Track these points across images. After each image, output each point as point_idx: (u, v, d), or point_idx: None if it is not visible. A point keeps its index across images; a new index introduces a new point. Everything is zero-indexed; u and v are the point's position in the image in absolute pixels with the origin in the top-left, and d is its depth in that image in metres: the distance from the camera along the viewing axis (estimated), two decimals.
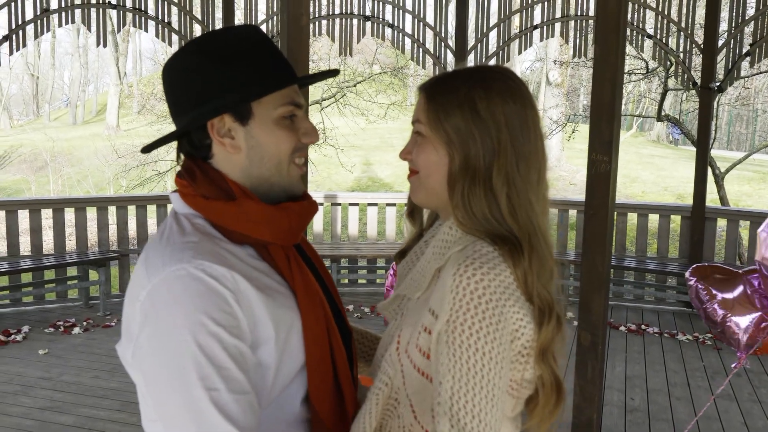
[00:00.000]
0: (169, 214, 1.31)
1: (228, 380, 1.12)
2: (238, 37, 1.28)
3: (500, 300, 1.14)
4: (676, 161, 22.18)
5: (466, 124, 1.22)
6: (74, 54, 34.98)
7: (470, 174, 1.21)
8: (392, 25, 7.38)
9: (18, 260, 6.63)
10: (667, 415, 4.59)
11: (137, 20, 6.94)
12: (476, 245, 1.19)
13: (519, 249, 1.18)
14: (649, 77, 12.06)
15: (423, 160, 1.27)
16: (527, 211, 1.22)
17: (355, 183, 19.87)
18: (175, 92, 1.29)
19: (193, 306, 1.12)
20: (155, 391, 1.15)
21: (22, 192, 21.16)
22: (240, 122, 1.26)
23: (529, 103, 1.26)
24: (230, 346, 1.13)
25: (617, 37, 3.10)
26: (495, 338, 1.13)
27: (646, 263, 7.19)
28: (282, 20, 3.18)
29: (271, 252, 1.27)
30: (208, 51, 1.26)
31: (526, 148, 1.23)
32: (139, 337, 1.16)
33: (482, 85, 1.24)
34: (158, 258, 1.18)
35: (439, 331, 1.15)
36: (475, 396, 1.11)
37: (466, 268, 1.14)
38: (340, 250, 7.40)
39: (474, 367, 1.12)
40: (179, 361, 1.11)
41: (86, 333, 6.00)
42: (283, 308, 1.23)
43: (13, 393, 4.66)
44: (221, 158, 1.29)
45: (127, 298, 1.23)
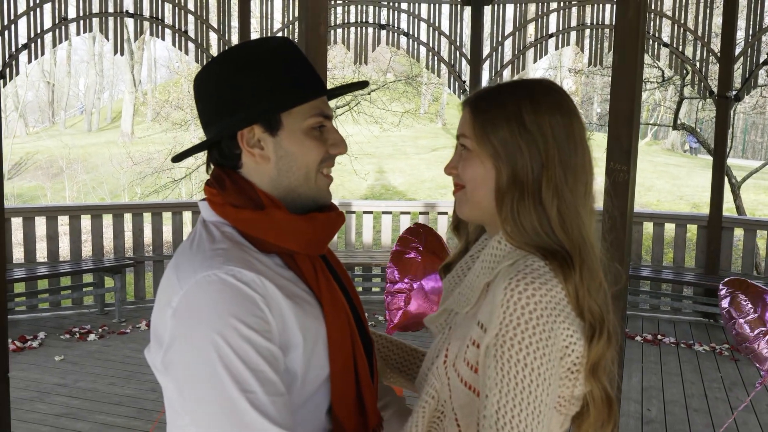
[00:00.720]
0: (198, 221, 1.33)
1: (263, 382, 1.13)
2: (269, 48, 1.29)
3: (551, 316, 1.14)
4: (691, 170, 22.05)
5: (513, 138, 1.22)
6: (90, 62, 35.27)
7: (519, 187, 1.21)
8: (407, 34, 7.39)
9: (34, 267, 6.68)
10: (685, 427, 4.55)
11: (154, 29, 6.99)
12: (527, 260, 1.18)
13: (570, 263, 1.18)
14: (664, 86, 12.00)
15: (469, 174, 1.27)
16: (577, 224, 1.22)
17: (369, 191, 19.89)
18: (205, 102, 1.31)
19: (225, 311, 1.13)
20: (189, 396, 1.16)
21: (37, 199, 21.33)
22: (269, 133, 1.28)
23: (575, 116, 1.26)
24: (263, 349, 1.14)
25: (636, 45, 3.09)
26: (544, 354, 1.12)
27: (662, 273, 7.13)
28: (300, 29, 3.19)
29: (297, 262, 1.28)
30: (238, 61, 1.28)
31: (573, 161, 1.23)
32: (172, 343, 1.17)
33: (529, 98, 1.24)
34: (189, 265, 1.20)
35: (488, 344, 1.15)
36: (521, 411, 1.11)
37: (517, 283, 1.14)
38: (355, 258, 7.40)
39: (522, 383, 1.11)
40: (214, 365, 1.12)
41: (102, 340, 6.02)
42: (311, 318, 1.24)
43: (29, 399, 4.68)
44: (250, 168, 1.30)
45: (157, 304, 1.24)
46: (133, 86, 30.19)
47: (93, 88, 34.52)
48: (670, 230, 7.99)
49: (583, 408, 1.26)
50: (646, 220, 7.93)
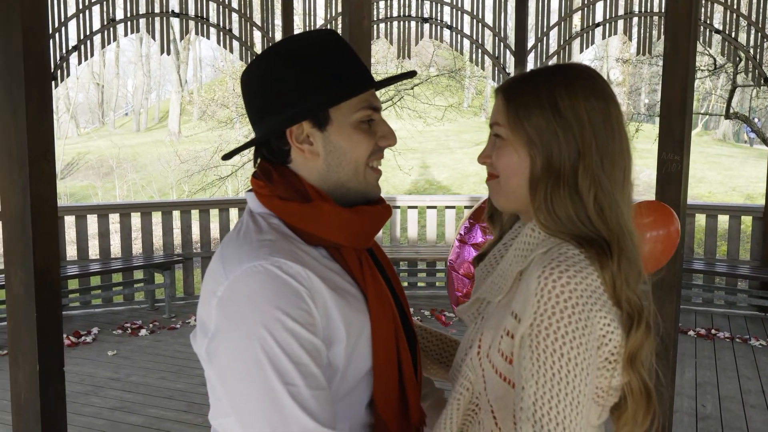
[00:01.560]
0: (245, 212, 1.33)
1: (306, 376, 1.13)
2: (315, 41, 1.28)
3: (587, 305, 1.10)
4: (744, 160, 21.48)
5: (548, 124, 1.18)
6: (137, 63, 35.95)
7: (554, 175, 1.18)
8: (450, 27, 7.34)
9: (87, 264, 6.83)
10: (742, 423, 4.43)
11: (199, 28, 7.07)
12: (561, 247, 1.15)
13: (607, 252, 1.14)
14: (716, 74, 11.71)
15: (503, 163, 1.24)
16: (615, 212, 1.18)
17: (413, 186, 19.86)
18: (253, 99, 1.30)
19: (270, 302, 1.13)
20: (232, 386, 1.16)
21: (89, 197, 21.83)
22: (318, 128, 1.26)
23: (612, 101, 1.22)
24: (307, 342, 1.14)
25: (688, 32, 3.01)
26: (581, 344, 1.09)
27: (716, 266, 6.96)
28: (344, 24, 3.18)
29: (343, 254, 1.27)
30: (285, 57, 1.26)
31: (611, 147, 1.19)
32: (216, 333, 1.17)
33: (564, 83, 1.20)
34: (235, 255, 1.20)
35: (523, 335, 1.12)
36: (559, 402, 1.08)
37: (551, 271, 1.10)
38: (400, 253, 7.39)
39: (559, 373, 1.08)
40: (257, 356, 1.12)
41: (152, 335, 6.13)
42: (355, 311, 1.24)
43: (84, 393, 4.78)
44: (299, 163, 1.29)
45: (203, 293, 1.24)
46: (179, 86, 30.68)
47: (141, 88, 35.20)
48: (724, 222, 7.80)
49: (621, 400, 1.23)
50: (699, 212, 7.74)
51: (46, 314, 2.80)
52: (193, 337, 1.28)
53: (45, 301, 2.80)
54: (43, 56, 2.76)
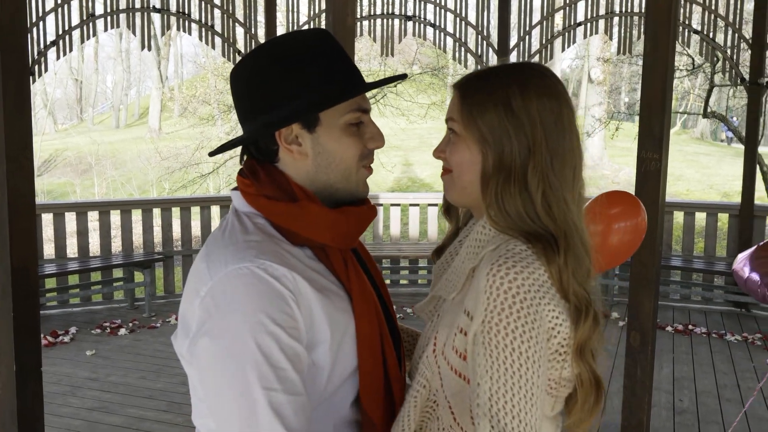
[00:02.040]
0: (231, 211, 1.32)
1: (284, 381, 1.13)
2: (307, 41, 1.27)
3: (535, 299, 1.13)
4: (721, 159, 21.73)
5: (500, 122, 1.20)
6: (117, 58, 35.63)
7: (504, 172, 1.20)
8: (434, 25, 7.35)
9: (65, 262, 6.76)
10: (717, 417, 4.48)
11: (180, 24, 7.02)
12: (509, 244, 1.18)
13: (554, 247, 1.17)
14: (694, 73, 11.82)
15: (456, 158, 1.26)
16: (563, 209, 1.20)
17: (395, 183, 19.87)
18: (242, 98, 1.29)
19: (254, 305, 1.13)
20: (210, 387, 1.16)
21: (67, 195, 21.61)
22: (307, 129, 1.26)
23: (564, 101, 1.24)
24: (287, 347, 1.14)
25: (668, 32, 3.04)
26: (531, 337, 1.11)
27: (693, 262, 7.04)
28: (327, 21, 3.17)
29: (329, 255, 1.27)
30: (275, 56, 1.25)
31: (561, 146, 1.22)
32: (197, 333, 1.16)
33: (517, 82, 1.22)
34: (220, 255, 1.19)
35: (475, 332, 1.14)
36: (514, 396, 1.10)
37: (499, 268, 1.13)
38: (382, 251, 7.39)
39: (511, 367, 1.11)
40: (237, 358, 1.12)
41: (132, 334, 6.09)
42: (339, 311, 1.24)
43: (62, 393, 4.74)
44: (287, 162, 1.29)
45: (186, 292, 1.24)
46: (160, 82, 30.45)
47: (120, 84, 34.88)
48: (701, 219, 7.88)
49: (574, 390, 1.25)
50: (677, 210, 7.82)
51: (23, 313, 2.77)
52: (174, 337, 1.27)
53: (22, 299, 2.77)
54: (21, 51, 2.73)
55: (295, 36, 1.28)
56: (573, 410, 1.25)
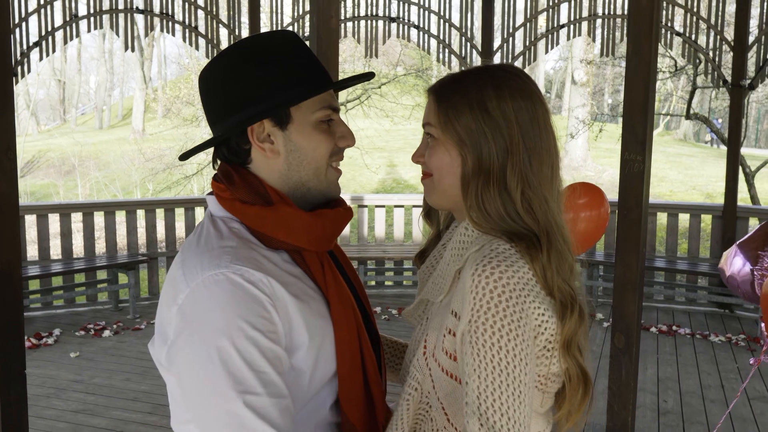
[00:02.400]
0: (205, 216, 1.32)
1: (266, 384, 1.13)
2: (274, 41, 1.28)
3: (520, 297, 1.14)
4: (703, 160, 21.91)
5: (477, 124, 1.22)
6: (100, 59, 35.40)
7: (484, 174, 1.21)
8: (418, 26, 7.36)
9: (48, 264, 6.71)
10: (702, 417, 4.52)
11: (164, 24, 6.99)
12: (493, 244, 1.19)
13: (536, 244, 1.18)
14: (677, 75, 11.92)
15: (435, 162, 1.27)
16: (543, 207, 1.22)
17: (380, 185, 19.87)
18: (212, 99, 1.30)
19: (232, 311, 1.13)
20: (192, 394, 1.15)
21: (50, 196, 21.44)
22: (279, 127, 1.27)
23: (539, 101, 1.26)
24: (268, 351, 1.14)
25: (650, 34, 3.06)
26: (518, 335, 1.13)
27: (677, 263, 7.09)
28: (312, 22, 3.17)
29: (305, 258, 1.28)
30: (246, 55, 1.26)
31: (538, 145, 1.23)
32: (176, 341, 1.16)
33: (492, 84, 1.24)
34: (196, 262, 1.19)
35: (463, 332, 1.16)
36: (502, 394, 1.12)
37: (484, 268, 1.14)
38: (367, 252, 7.40)
39: (499, 365, 1.12)
40: (217, 365, 1.11)
41: (116, 336, 6.05)
42: (317, 316, 1.24)
43: (45, 396, 4.70)
44: (260, 163, 1.29)
45: (163, 299, 1.23)
46: (143, 83, 30.28)
47: (103, 85, 34.66)
48: (684, 221, 7.95)
49: (564, 385, 1.27)
50: (660, 211, 7.88)
51: (6, 316, 2.75)
52: (152, 344, 1.27)
53: (6, 302, 2.75)
54: (4, 52, 2.72)
55: (264, 36, 1.29)
56: (562, 404, 1.27)
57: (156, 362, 1.26)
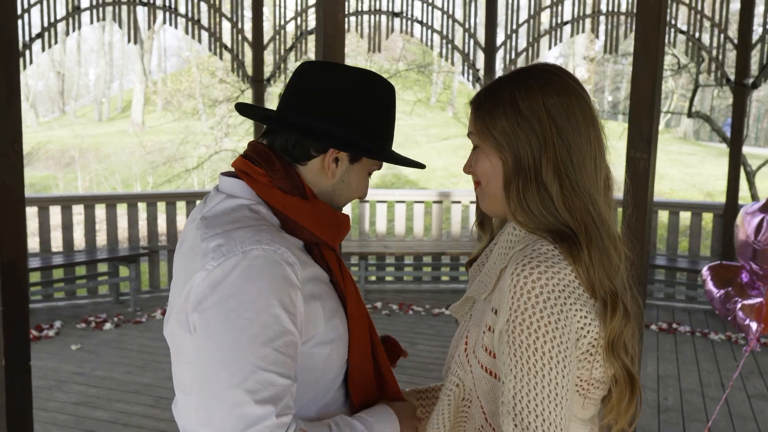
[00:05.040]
0: (224, 198, 1.32)
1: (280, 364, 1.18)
2: (390, 91, 1.39)
3: (559, 299, 1.14)
4: (704, 158, 21.93)
5: (511, 126, 1.23)
6: (99, 51, 35.31)
7: (522, 173, 1.22)
8: (421, 22, 7.35)
9: (49, 256, 6.70)
10: (702, 415, 4.53)
11: (167, 17, 6.98)
12: (536, 244, 1.20)
13: (578, 245, 1.17)
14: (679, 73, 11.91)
15: (480, 169, 1.30)
16: (583, 201, 1.21)
17: (380, 180, 19.86)
18: (323, 95, 1.33)
19: (268, 287, 1.18)
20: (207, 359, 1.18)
21: (50, 188, 21.42)
22: (350, 160, 1.36)
23: (576, 94, 1.26)
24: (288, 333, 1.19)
25: (657, 32, 3.05)
26: (555, 337, 1.13)
27: (678, 261, 7.10)
28: (318, 17, 3.17)
29: (323, 253, 1.34)
30: (371, 88, 1.35)
31: (576, 139, 1.23)
32: (205, 307, 1.19)
33: (522, 85, 1.26)
34: (235, 235, 1.22)
35: (500, 330, 1.17)
36: (537, 395, 1.12)
37: (523, 267, 1.15)
38: (368, 248, 7.39)
39: (535, 367, 1.13)
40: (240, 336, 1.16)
41: (118, 329, 6.05)
42: (331, 308, 1.31)
43: (47, 388, 4.71)
44: (313, 171, 1.35)
45: (183, 271, 1.26)
46: (143, 75, 30.21)
47: (103, 77, 34.57)
48: (685, 219, 7.94)
49: (609, 390, 1.26)
50: (662, 209, 7.88)
51: (12, 308, 2.75)
52: (167, 320, 1.31)
53: (11, 294, 2.75)
54: (10, 43, 2.71)
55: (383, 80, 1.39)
56: (608, 408, 1.26)
57: (168, 340, 1.30)
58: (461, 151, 21.80)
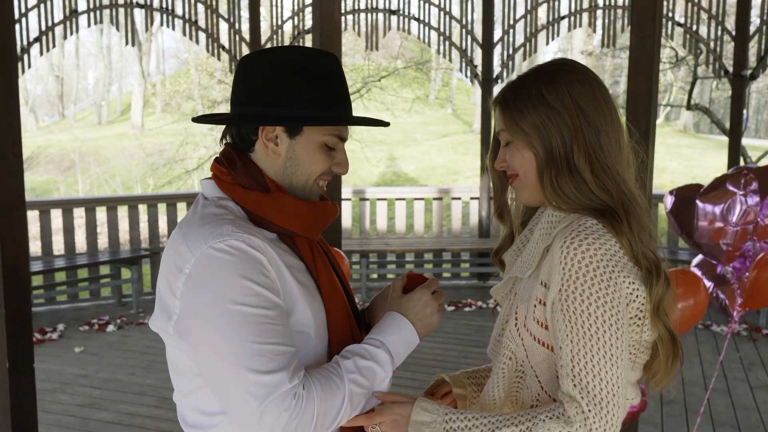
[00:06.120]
0: (199, 197, 1.40)
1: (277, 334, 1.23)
2: (320, 59, 1.37)
3: (608, 267, 1.24)
4: (703, 151, 21.90)
5: (540, 119, 1.31)
6: (97, 54, 35.30)
7: (554, 162, 1.31)
8: (418, 19, 7.36)
9: (51, 260, 6.72)
10: (705, 407, 4.54)
11: (164, 19, 6.99)
12: (580, 220, 1.28)
13: (618, 218, 1.27)
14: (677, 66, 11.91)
15: (518, 163, 1.36)
16: (615, 181, 1.30)
17: (380, 178, 19.87)
18: (244, 82, 1.37)
19: (237, 273, 1.22)
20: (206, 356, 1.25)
21: (50, 192, 21.43)
22: (288, 135, 1.36)
23: (595, 82, 1.35)
24: (273, 305, 1.25)
25: (653, 26, 3.06)
26: (607, 302, 1.22)
27: (678, 254, 7.11)
28: (314, 16, 3.18)
29: (297, 243, 1.37)
30: (289, 60, 1.35)
31: (603, 124, 1.32)
32: (186, 309, 1.26)
33: (547, 78, 1.34)
34: (198, 233, 1.27)
35: (553, 300, 1.26)
36: (593, 357, 1.21)
37: (572, 240, 1.24)
38: (369, 245, 7.40)
39: (589, 331, 1.22)
40: (229, 325, 1.21)
41: (120, 330, 6.06)
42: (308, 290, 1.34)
43: (51, 390, 4.72)
44: (260, 155, 1.38)
45: (164, 273, 1.31)
46: (142, 78, 30.22)
47: (102, 80, 34.58)
48: None
49: (652, 355, 1.37)
50: (661, 202, 7.87)
51: (14, 311, 2.76)
52: (152, 320, 1.35)
53: (13, 297, 2.76)
54: (8, 47, 2.72)
55: (312, 51, 1.38)
56: (653, 368, 1.37)
57: (158, 331, 1.34)
58: (461, 147, 21.80)
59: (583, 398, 1.20)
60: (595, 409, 1.20)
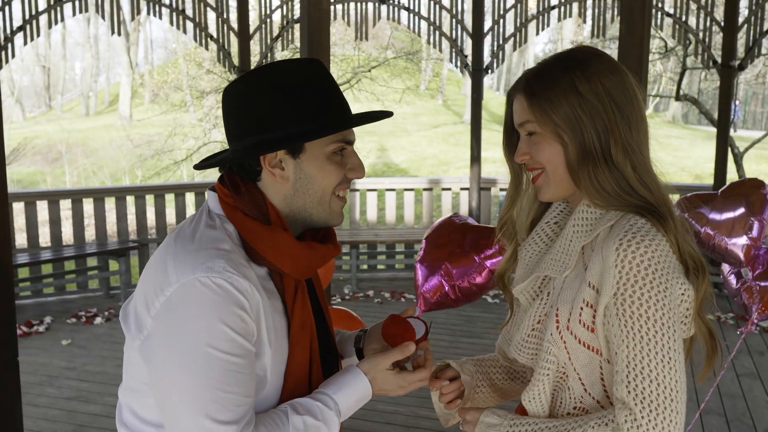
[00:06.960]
0: (204, 209, 1.35)
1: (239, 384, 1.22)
2: (302, 71, 1.31)
3: (664, 269, 1.20)
4: (692, 142, 22.00)
5: (573, 111, 1.25)
6: (85, 44, 35.04)
7: (591, 157, 1.25)
8: (408, 9, 7.31)
9: (38, 252, 6.66)
10: (692, 395, 4.56)
11: (151, 8, 6.92)
12: (629, 219, 1.23)
13: (665, 216, 1.23)
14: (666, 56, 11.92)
15: (546, 156, 1.30)
16: (652, 176, 1.28)
17: (371, 169, 19.84)
18: (233, 116, 1.33)
19: (216, 315, 1.19)
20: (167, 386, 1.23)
21: (37, 184, 21.30)
22: (291, 155, 1.30)
23: (624, 72, 1.30)
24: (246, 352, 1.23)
25: (643, 16, 3.05)
26: (664, 305, 1.19)
27: None
28: (302, 5, 3.15)
29: (283, 280, 1.33)
30: (272, 81, 1.30)
31: (634, 114, 1.27)
32: (157, 332, 1.23)
33: (578, 67, 1.27)
34: (189, 258, 1.23)
35: (606, 304, 1.22)
36: (651, 362, 1.18)
37: (629, 243, 1.19)
38: (359, 236, 7.38)
39: (647, 335, 1.18)
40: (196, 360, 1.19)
41: (108, 323, 6.03)
42: (280, 332, 1.31)
43: (38, 383, 4.69)
44: (268, 183, 1.33)
45: (146, 285, 1.28)
46: (130, 68, 30.01)
47: (89, 71, 34.33)
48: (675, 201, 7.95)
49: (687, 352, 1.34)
50: None
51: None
52: (125, 317, 1.32)
53: None
54: None
55: (292, 64, 1.33)
56: (706, 363, 1.34)
57: (126, 332, 1.32)
58: (451, 138, 21.80)
59: (637, 405, 1.17)
60: (650, 416, 1.17)
